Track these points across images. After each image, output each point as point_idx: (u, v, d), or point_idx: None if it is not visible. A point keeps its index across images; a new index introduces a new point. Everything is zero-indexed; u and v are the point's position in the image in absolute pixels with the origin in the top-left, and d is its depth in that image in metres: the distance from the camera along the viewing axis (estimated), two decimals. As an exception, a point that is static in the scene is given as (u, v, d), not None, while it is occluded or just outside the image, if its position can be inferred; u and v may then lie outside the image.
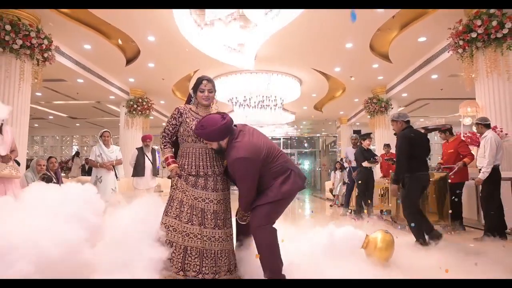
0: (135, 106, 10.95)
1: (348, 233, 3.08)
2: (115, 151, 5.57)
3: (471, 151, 5.41)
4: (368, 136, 6.83)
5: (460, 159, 5.28)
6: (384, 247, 2.94)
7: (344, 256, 2.83)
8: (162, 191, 9.65)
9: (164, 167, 17.06)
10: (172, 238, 2.35)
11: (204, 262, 2.34)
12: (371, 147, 7.36)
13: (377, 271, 2.75)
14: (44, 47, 6.10)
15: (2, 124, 3.60)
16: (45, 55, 6.24)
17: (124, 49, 8.20)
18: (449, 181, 5.23)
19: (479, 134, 4.85)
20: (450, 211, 5.06)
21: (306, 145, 21.56)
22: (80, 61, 8.29)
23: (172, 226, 2.38)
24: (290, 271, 2.48)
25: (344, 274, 2.59)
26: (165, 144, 2.62)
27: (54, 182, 4.54)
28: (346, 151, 8.19)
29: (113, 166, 5.49)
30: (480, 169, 4.62)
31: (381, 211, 7.51)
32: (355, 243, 3.06)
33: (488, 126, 4.68)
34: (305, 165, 21.40)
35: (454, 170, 5.20)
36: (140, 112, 11.11)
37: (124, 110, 11.08)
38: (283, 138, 19.77)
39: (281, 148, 19.96)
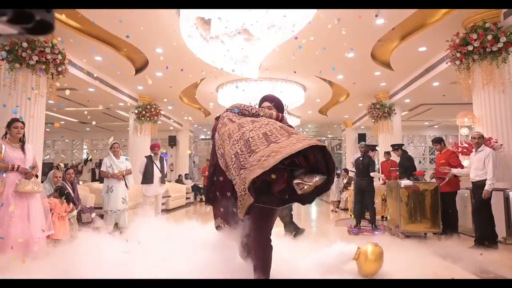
0: (143, 112, 11.28)
1: (341, 248, 3.34)
2: (125, 162, 5.88)
3: (461, 163, 5.65)
4: (375, 148, 7.03)
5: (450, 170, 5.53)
6: (374, 258, 3.19)
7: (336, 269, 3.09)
8: (170, 196, 9.95)
9: (172, 170, 17.30)
10: None
11: None
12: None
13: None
14: (58, 61, 6.44)
15: (24, 143, 3.91)
16: (59, 69, 6.57)
17: (133, 59, 8.52)
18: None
19: (475, 147, 5.06)
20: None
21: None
22: (91, 72, 8.63)
23: None
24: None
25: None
26: None
27: (67, 192, 4.83)
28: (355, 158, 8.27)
29: (123, 176, 5.78)
30: (475, 181, 4.84)
31: (382, 217, 7.74)
32: (348, 255, 3.31)
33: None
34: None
35: (445, 180, 5.45)
36: (148, 118, 11.44)
37: (133, 116, 11.42)
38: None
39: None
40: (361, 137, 15.45)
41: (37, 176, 4.04)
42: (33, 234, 3.69)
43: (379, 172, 8.21)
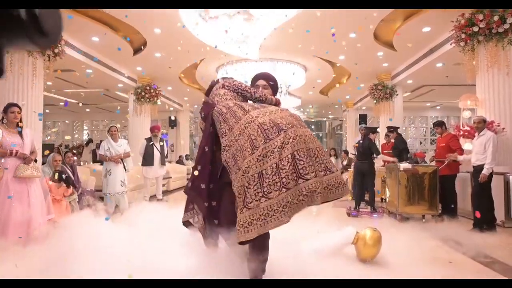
0: (143, 93, 11.19)
1: (340, 232, 3.36)
2: (123, 145, 5.85)
3: (461, 146, 5.64)
4: (376, 130, 6.96)
5: (451, 153, 5.53)
6: (372, 244, 3.21)
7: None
8: (171, 177, 9.98)
9: (173, 151, 17.34)
10: None
11: None
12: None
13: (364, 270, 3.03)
14: (54, 43, 6.31)
15: (21, 128, 3.88)
16: (56, 50, 6.47)
17: (132, 40, 8.37)
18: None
19: (477, 131, 5.02)
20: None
21: (313, 127, 21.73)
22: (88, 53, 8.50)
23: None
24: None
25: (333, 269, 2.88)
26: None
27: (67, 176, 4.84)
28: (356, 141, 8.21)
29: (122, 160, 5.77)
30: (475, 166, 4.82)
31: (382, 199, 7.78)
32: (346, 240, 3.34)
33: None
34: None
35: (444, 163, 5.45)
36: (148, 99, 11.35)
37: (133, 97, 11.33)
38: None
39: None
40: (362, 118, 15.37)
41: (36, 161, 4.02)
42: (33, 218, 3.71)
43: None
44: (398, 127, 7.19)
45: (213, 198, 2.36)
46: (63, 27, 0.77)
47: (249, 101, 2.51)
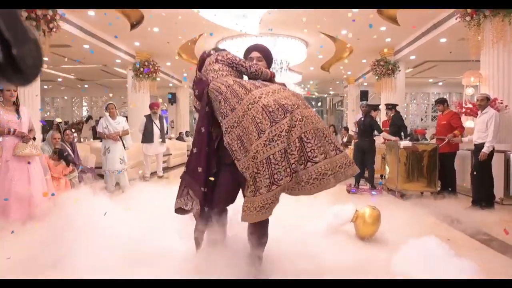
0: (141, 69, 11.02)
1: (340, 210, 3.38)
2: (121, 122, 5.80)
3: (463, 124, 5.60)
4: (378, 107, 6.86)
5: (451, 131, 5.48)
6: (371, 222, 3.24)
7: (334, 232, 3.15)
8: (171, 154, 10.00)
9: (173, 127, 17.29)
10: None
11: None
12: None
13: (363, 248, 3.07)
14: (49, 17, 6.14)
15: (18, 106, 3.83)
16: (51, 25, 6.30)
17: (129, 14, 8.15)
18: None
19: (480, 109, 4.95)
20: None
21: (313, 103, 21.58)
22: (84, 27, 8.30)
23: None
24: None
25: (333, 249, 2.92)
26: None
27: (66, 155, 4.82)
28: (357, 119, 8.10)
29: (120, 137, 5.74)
30: (477, 144, 4.80)
31: (381, 176, 7.81)
32: (346, 218, 3.36)
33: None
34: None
35: (445, 141, 5.44)
36: (147, 76, 11.19)
37: (131, 73, 11.17)
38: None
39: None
40: (364, 94, 15.22)
41: (34, 139, 4.00)
42: (34, 196, 3.73)
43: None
44: (397, 105, 7.11)
45: (209, 181, 2.23)
46: (43, 62, 0.76)
47: (244, 77, 2.37)
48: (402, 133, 6.57)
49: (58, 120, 7.27)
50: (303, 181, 1.96)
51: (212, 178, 2.22)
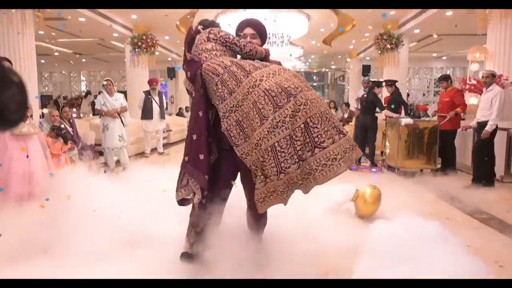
0: (139, 43, 10.78)
1: (340, 189, 3.38)
2: (119, 99, 5.70)
3: (465, 102, 5.53)
4: (381, 84, 6.70)
5: (454, 108, 5.42)
6: (371, 201, 3.24)
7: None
8: (171, 130, 9.96)
9: (172, 103, 17.18)
10: None
11: None
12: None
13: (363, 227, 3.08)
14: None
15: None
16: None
17: (125, -15, 7.87)
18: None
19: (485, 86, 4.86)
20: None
21: (314, 77, 21.32)
22: (80, -1, 8.04)
23: None
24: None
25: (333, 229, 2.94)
26: None
27: (64, 132, 4.77)
28: (359, 95, 7.96)
29: (119, 114, 5.67)
30: (480, 122, 4.75)
31: (382, 152, 7.80)
32: (346, 197, 3.37)
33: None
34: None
35: (446, 119, 5.39)
36: (145, 50, 10.97)
37: (129, 47, 10.95)
38: (291, 72, 19.53)
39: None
40: (366, 69, 14.99)
41: (32, 117, 3.95)
42: (34, 174, 3.72)
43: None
44: (396, 81, 6.99)
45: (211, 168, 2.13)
46: (28, 102, 0.76)
47: (238, 56, 2.21)
48: (403, 110, 6.51)
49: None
50: (312, 169, 1.87)
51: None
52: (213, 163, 2.16)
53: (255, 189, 1.91)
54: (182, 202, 2.23)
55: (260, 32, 2.33)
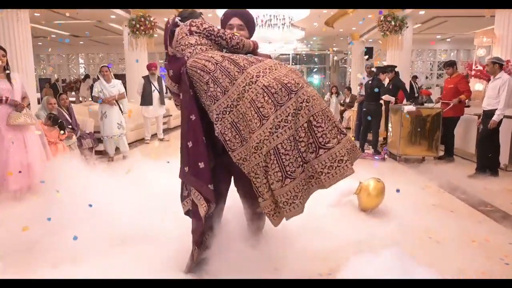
0: (137, 26, 10.54)
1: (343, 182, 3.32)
2: (117, 86, 5.55)
3: (470, 89, 5.42)
4: (386, 70, 6.50)
5: (458, 95, 5.33)
6: (375, 194, 3.19)
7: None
8: (171, 115, 9.86)
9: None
10: None
11: None
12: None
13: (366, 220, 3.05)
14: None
15: (9, 72, 3.65)
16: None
17: (121, -34, 7.62)
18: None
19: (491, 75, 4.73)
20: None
21: (316, 60, 21.00)
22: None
23: None
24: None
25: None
26: None
27: (61, 121, 4.67)
28: (362, 81, 7.76)
29: (117, 101, 5.55)
30: (486, 110, 4.65)
31: (384, 139, 7.73)
32: (349, 189, 3.32)
33: (502, 66, 4.56)
34: (315, 80, 21.20)
35: (449, 106, 5.31)
36: (143, 32, 10.73)
37: (127, 30, 10.71)
38: (292, 54, 19.28)
39: (290, 64, 19.55)
40: (368, 51, 14.71)
41: (29, 107, 3.86)
42: (32, 165, 3.67)
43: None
44: (396, 66, 6.84)
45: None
46: None
47: (224, 50, 2.00)
48: (405, 96, 6.40)
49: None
50: (316, 171, 1.72)
51: None
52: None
53: (261, 201, 1.74)
54: (189, 213, 2.05)
55: (248, 23, 2.13)
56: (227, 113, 1.78)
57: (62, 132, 4.52)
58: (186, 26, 1.97)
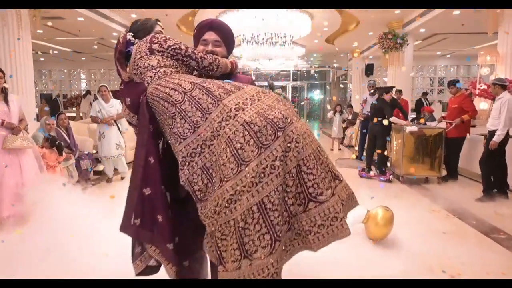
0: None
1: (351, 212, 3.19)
2: (115, 105, 5.47)
3: (475, 108, 5.36)
4: (391, 90, 6.43)
5: (463, 115, 5.27)
6: (383, 224, 3.07)
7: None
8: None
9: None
10: None
11: None
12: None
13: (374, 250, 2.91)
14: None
15: (6, 94, 3.57)
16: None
17: (123, -15, 7.66)
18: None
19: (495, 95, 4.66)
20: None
21: (316, 76, 21.07)
22: (78, -1, 7.83)
23: None
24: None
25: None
26: None
27: (59, 142, 4.56)
28: (366, 100, 7.64)
29: (115, 121, 5.45)
30: (490, 130, 4.55)
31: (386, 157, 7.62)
32: (356, 218, 3.19)
33: (505, 87, 4.48)
34: (315, 96, 21.25)
35: (452, 126, 5.24)
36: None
37: (129, 47, 10.74)
38: (292, 71, 19.39)
39: (291, 81, 19.55)
40: (369, 68, 14.76)
41: (26, 130, 3.76)
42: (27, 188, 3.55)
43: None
44: (394, 87, 6.75)
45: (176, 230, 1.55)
46: None
47: (194, 72, 1.65)
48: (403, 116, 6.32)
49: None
50: (303, 230, 1.37)
51: None
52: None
53: (221, 271, 1.31)
54: (145, 272, 1.61)
55: (225, 38, 1.72)
56: (197, 155, 1.40)
57: (59, 153, 4.42)
58: (145, 43, 1.57)
